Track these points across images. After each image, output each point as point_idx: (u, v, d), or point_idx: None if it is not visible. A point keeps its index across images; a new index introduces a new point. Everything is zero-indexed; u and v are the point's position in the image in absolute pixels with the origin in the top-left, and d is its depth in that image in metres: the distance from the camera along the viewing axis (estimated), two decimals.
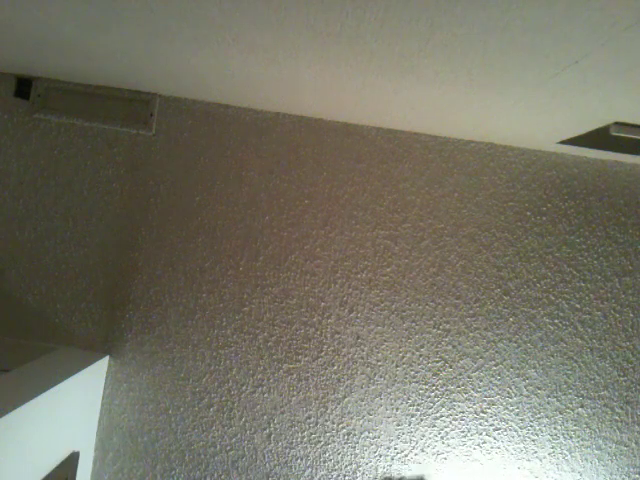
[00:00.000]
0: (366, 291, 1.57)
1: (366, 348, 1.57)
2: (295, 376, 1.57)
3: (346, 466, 1.56)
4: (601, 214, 1.56)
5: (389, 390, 1.56)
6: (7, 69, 1.59)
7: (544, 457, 1.55)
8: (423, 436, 1.55)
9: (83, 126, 1.61)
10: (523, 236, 1.56)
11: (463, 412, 1.55)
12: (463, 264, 1.56)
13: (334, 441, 1.56)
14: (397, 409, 1.56)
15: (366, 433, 1.56)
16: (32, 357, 1.43)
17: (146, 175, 1.60)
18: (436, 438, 1.55)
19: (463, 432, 1.55)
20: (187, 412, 1.57)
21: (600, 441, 1.54)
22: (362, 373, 1.56)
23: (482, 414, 1.55)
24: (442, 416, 1.55)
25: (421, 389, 1.56)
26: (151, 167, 1.60)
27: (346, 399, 1.56)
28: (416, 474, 1.51)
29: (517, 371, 1.55)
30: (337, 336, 1.57)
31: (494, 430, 1.55)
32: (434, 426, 1.55)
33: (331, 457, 1.56)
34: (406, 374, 1.56)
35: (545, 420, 1.54)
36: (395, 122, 1.50)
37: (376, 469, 1.56)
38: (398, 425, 1.56)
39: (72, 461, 1.40)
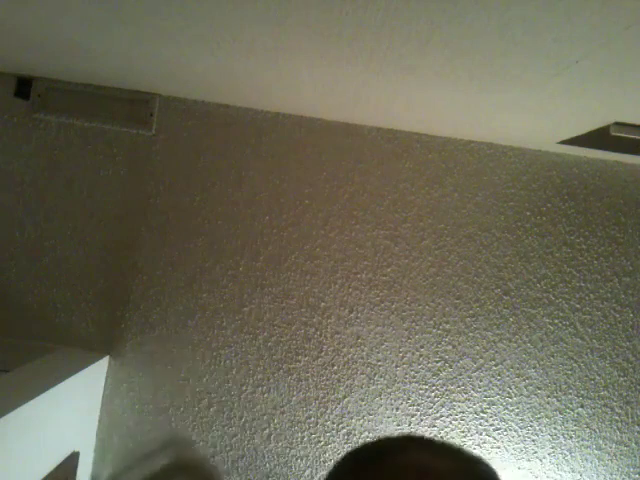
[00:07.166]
0: (366, 291, 1.57)
1: (366, 348, 1.57)
2: (295, 376, 1.57)
3: None
4: (601, 214, 1.56)
5: (389, 390, 1.56)
6: (7, 69, 1.59)
7: (544, 457, 1.55)
8: None
9: (83, 126, 1.61)
10: (523, 236, 1.56)
11: (463, 412, 1.55)
12: (463, 264, 1.56)
13: (334, 441, 1.56)
14: (397, 409, 1.56)
15: (366, 433, 1.56)
16: (32, 357, 1.43)
17: (146, 175, 1.60)
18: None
19: (463, 432, 1.55)
20: (187, 412, 1.57)
21: (600, 441, 1.54)
22: (362, 373, 1.56)
23: (482, 414, 1.55)
24: (442, 416, 1.55)
25: (421, 389, 1.56)
26: (151, 167, 1.60)
27: (346, 399, 1.56)
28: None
29: (517, 371, 1.55)
30: (337, 336, 1.57)
31: (494, 430, 1.55)
32: (434, 426, 1.55)
33: (331, 457, 1.56)
34: (406, 374, 1.56)
35: (545, 420, 1.54)
36: (395, 122, 1.50)
37: None
38: (398, 425, 1.56)
39: (72, 461, 1.40)
